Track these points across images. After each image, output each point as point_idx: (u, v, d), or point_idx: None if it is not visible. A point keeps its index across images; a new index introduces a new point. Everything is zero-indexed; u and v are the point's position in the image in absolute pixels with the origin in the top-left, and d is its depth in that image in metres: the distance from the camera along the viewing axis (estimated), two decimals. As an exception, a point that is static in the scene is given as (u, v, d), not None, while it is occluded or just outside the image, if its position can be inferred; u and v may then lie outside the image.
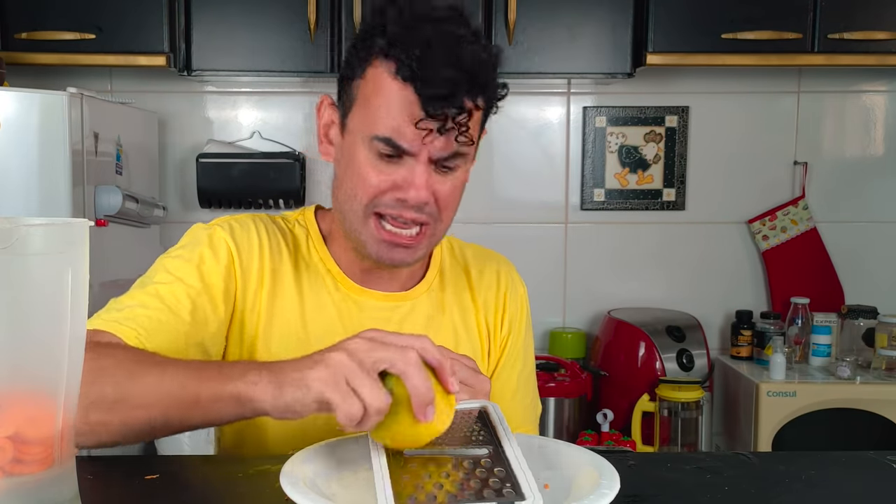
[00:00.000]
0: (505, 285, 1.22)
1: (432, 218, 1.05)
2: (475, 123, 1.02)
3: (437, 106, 0.97)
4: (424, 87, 0.96)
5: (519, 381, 1.22)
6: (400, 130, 0.99)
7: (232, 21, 2.32)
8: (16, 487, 0.64)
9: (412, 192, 1.01)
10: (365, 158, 1.03)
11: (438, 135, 0.99)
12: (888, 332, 2.39)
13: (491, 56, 1.02)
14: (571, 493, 0.75)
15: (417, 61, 0.96)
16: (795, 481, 0.86)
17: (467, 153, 1.04)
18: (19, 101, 1.87)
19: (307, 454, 0.82)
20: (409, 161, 1.01)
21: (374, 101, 1.01)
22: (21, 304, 0.64)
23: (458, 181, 1.06)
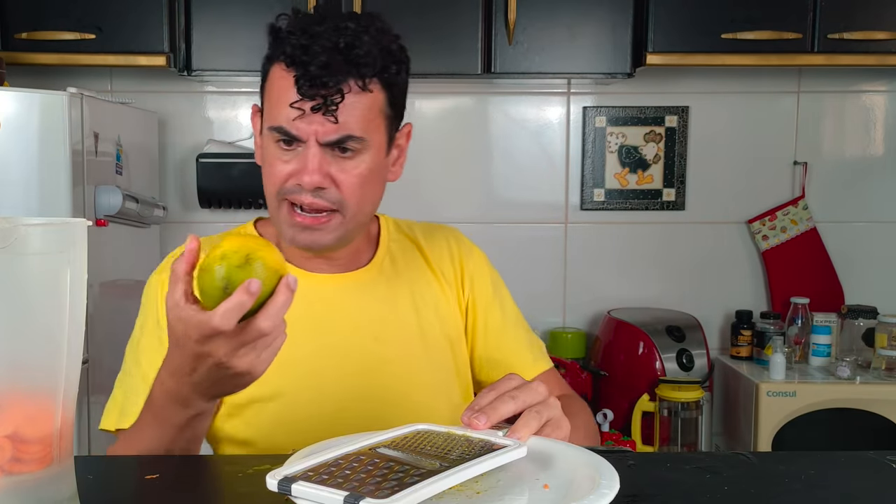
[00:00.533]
0: (458, 251, 1.26)
1: (337, 204, 1.08)
2: (367, 106, 1.05)
3: (307, 85, 1.02)
4: (300, 68, 1.02)
5: (504, 320, 1.25)
6: (284, 116, 1.05)
7: (232, 21, 2.32)
8: (14, 486, 0.64)
9: (305, 176, 1.05)
10: (270, 152, 1.09)
11: (313, 113, 1.03)
12: (888, 332, 2.39)
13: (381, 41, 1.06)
14: (571, 494, 0.75)
15: (298, 48, 1.03)
16: (795, 481, 0.86)
17: (361, 136, 1.06)
18: (19, 101, 1.87)
19: (304, 452, 0.81)
20: (301, 148, 1.06)
21: (270, 95, 1.09)
22: (20, 304, 0.64)
23: (363, 169, 1.08)
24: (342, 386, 1.13)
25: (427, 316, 1.20)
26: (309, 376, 1.13)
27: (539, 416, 0.86)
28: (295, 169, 1.07)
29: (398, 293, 1.20)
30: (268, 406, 1.12)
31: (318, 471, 0.71)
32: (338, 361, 1.14)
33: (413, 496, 0.66)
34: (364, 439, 0.80)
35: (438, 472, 0.71)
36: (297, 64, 1.03)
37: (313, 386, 1.13)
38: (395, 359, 1.16)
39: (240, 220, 2.62)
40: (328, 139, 1.05)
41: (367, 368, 1.15)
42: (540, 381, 0.90)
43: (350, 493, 0.66)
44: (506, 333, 1.25)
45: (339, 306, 1.16)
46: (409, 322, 1.18)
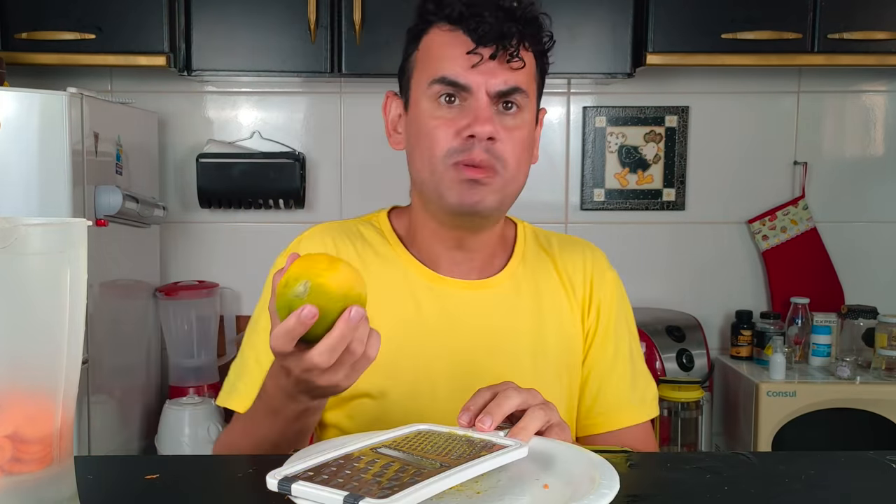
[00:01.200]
0: (591, 271, 1.21)
1: (501, 161, 1.05)
2: (527, 64, 1.06)
3: (485, 34, 1.02)
4: (472, 21, 1.02)
5: (615, 361, 1.19)
6: (453, 66, 1.04)
7: (232, 21, 2.32)
8: (14, 486, 0.64)
9: (478, 125, 1.03)
10: (429, 113, 1.06)
11: (491, 60, 1.02)
12: (888, 332, 2.39)
13: (536, 10, 1.07)
14: (571, 494, 0.75)
15: (465, 5, 1.03)
16: (795, 481, 0.86)
17: (526, 90, 1.06)
18: (19, 101, 1.87)
19: (304, 452, 0.82)
20: (469, 101, 1.04)
21: (428, 56, 1.07)
22: (20, 304, 0.64)
23: (524, 132, 1.08)
24: (445, 396, 1.10)
25: (549, 335, 1.16)
26: (415, 380, 1.11)
27: (542, 416, 0.86)
28: (464, 123, 1.04)
29: (524, 306, 1.16)
30: (370, 403, 1.11)
31: (319, 471, 0.71)
32: (446, 370, 1.11)
33: (413, 496, 0.66)
34: (365, 439, 0.80)
35: (439, 473, 0.71)
36: (467, 18, 1.03)
37: (418, 391, 1.10)
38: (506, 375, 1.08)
39: (240, 220, 2.62)
40: (499, 88, 1.04)
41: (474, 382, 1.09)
42: (535, 391, 0.90)
43: (350, 493, 0.66)
44: (612, 372, 1.19)
45: (460, 315, 1.13)
46: (528, 338, 1.15)
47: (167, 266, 2.66)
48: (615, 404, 1.18)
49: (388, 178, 2.65)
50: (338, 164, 2.67)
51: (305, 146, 2.65)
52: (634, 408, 1.19)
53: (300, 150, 2.63)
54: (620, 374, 1.19)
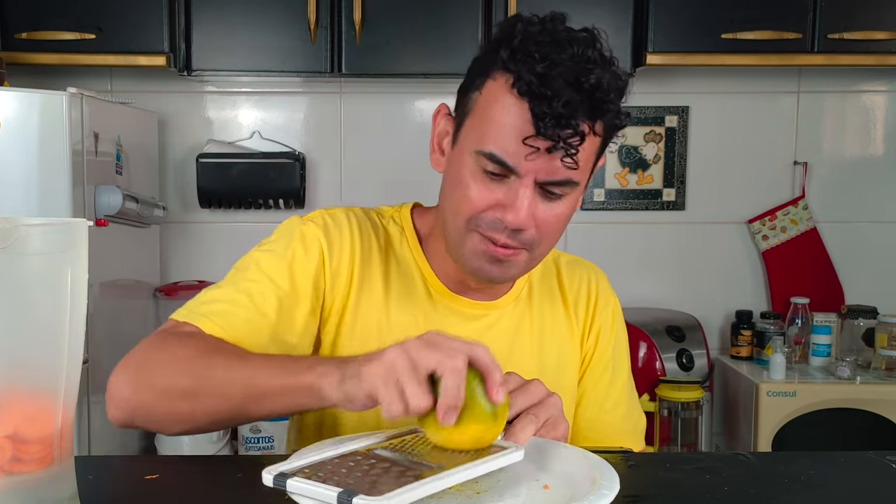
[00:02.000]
0: (595, 295, 1.21)
1: (528, 245, 1.01)
2: (588, 150, 0.98)
3: (549, 125, 0.93)
4: (540, 103, 0.92)
5: (609, 391, 1.19)
6: (507, 146, 0.95)
7: (232, 21, 2.32)
8: (15, 486, 0.64)
9: (511, 214, 0.97)
10: (470, 173, 0.99)
11: (547, 153, 0.94)
12: (888, 332, 2.39)
13: (617, 82, 0.98)
14: (571, 494, 0.75)
15: (537, 77, 0.93)
16: (795, 481, 0.86)
17: (578, 181, 0.99)
18: (19, 101, 1.87)
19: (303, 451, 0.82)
20: (513, 181, 0.97)
21: (487, 114, 0.98)
22: (20, 304, 0.64)
23: (565, 209, 1.02)
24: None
25: (548, 359, 1.15)
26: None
27: (536, 418, 0.85)
28: (500, 202, 0.98)
29: (525, 330, 1.15)
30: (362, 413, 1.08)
31: (315, 468, 0.71)
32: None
33: (406, 495, 0.66)
34: (362, 440, 0.80)
35: (434, 474, 0.71)
36: (535, 96, 0.93)
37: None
38: None
39: (240, 220, 2.62)
40: (549, 180, 0.97)
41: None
42: (539, 381, 0.89)
43: (344, 489, 0.66)
44: (607, 400, 1.19)
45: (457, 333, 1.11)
46: (527, 362, 1.13)
47: (167, 266, 2.66)
48: (609, 432, 1.18)
49: (389, 177, 2.66)
50: (338, 164, 2.67)
51: (305, 146, 2.65)
52: (628, 437, 1.19)
53: (300, 150, 2.63)
54: (616, 401, 1.20)
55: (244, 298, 1.01)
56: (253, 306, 1.01)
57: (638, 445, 1.20)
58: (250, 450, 2.40)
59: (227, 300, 1.01)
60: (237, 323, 0.99)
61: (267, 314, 1.01)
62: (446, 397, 0.76)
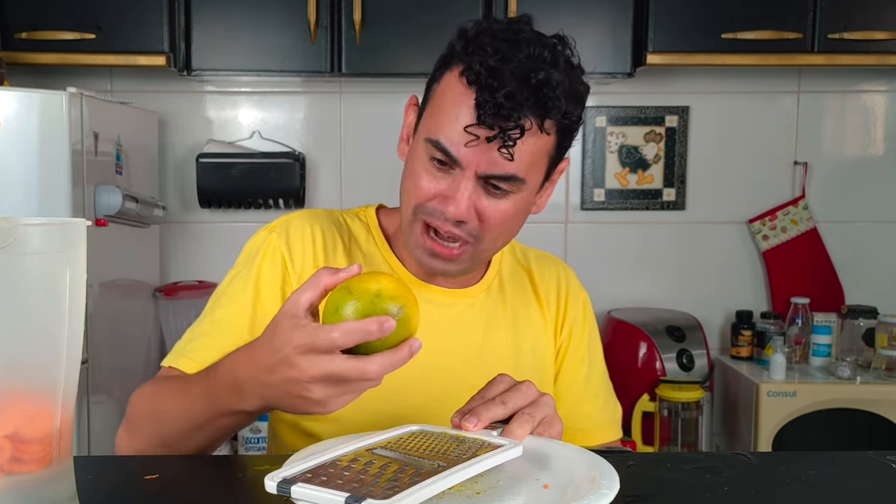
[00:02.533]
0: (566, 290, 1.22)
1: (472, 237, 1.02)
2: (534, 147, 0.99)
3: (489, 113, 0.94)
4: (484, 92, 0.94)
5: (587, 383, 1.21)
6: (451, 134, 0.98)
7: (232, 21, 2.32)
8: (14, 486, 0.64)
9: (451, 206, 0.99)
10: (421, 163, 1.02)
11: (487, 143, 0.96)
12: (888, 332, 2.39)
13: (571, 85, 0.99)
14: (571, 494, 0.75)
15: (487, 68, 0.95)
16: (795, 481, 0.86)
17: (522, 178, 1.00)
18: (19, 101, 1.87)
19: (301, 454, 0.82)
20: (457, 173, 0.99)
21: (440, 103, 1.01)
22: (19, 304, 0.64)
23: (510, 207, 1.02)
24: (423, 403, 1.09)
25: (524, 347, 1.17)
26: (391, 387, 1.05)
27: (532, 417, 0.85)
28: (442, 192, 1.01)
29: (499, 319, 1.16)
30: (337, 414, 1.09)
31: (317, 472, 0.71)
32: (424, 378, 1.09)
33: (414, 496, 0.66)
34: (360, 440, 0.80)
35: (437, 473, 0.71)
36: (481, 86, 0.95)
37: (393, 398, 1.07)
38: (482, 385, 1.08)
39: (240, 220, 2.62)
40: (490, 173, 0.98)
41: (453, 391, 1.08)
42: (531, 382, 0.89)
43: (351, 493, 0.65)
44: (585, 392, 1.21)
45: (439, 323, 1.12)
46: (504, 350, 1.15)
47: (167, 266, 2.66)
48: (588, 423, 1.20)
49: (389, 177, 2.65)
50: (338, 164, 2.67)
51: (305, 146, 2.65)
52: (607, 427, 1.22)
53: (300, 149, 2.63)
54: (594, 394, 1.22)
55: (218, 329, 1.06)
56: (226, 334, 1.04)
57: (616, 434, 1.23)
58: (250, 450, 2.40)
59: (203, 334, 1.06)
60: (213, 354, 1.01)
61: (241, 337, 1.03)
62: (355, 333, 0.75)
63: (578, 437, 1.15)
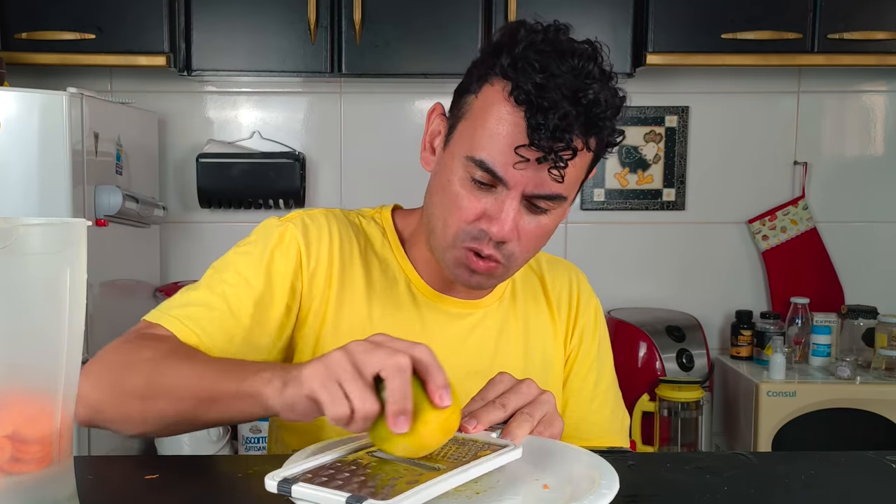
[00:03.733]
0: (577, 296, 1.21)
1: (508, 257, 1.01)
2: (579, 165, 0.97)
3: (544, 136, 0.92)
4: (536, 114, 0.92)
5: (595, 391, 1.20)
6: (498, 155, 0.95)
7: (232, 21, 2.32)
8: (14, 486, 0.64)
9: (496, 226, 0.97)
10: (459, 181, 0.99)
11: (536, 164, 0.94)
12: (888, 332, 2.39)
13: (614, 100, 0.97)
14: (571, 494, 0.75)
15: (536, 87, 0.92)
16: (795, 481, 0.86)
17: (565, 196, 0.98)
18: (19, 101, 1.87)
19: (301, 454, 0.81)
20: (501, 192, 0.97)
21: (481, 120, 0.97)
22: (19, 304, 0.64)
23: (549, 223, 1.01)
24: None
25: (534, 356, 1.15)
26: None
27: (531, 417, 0.85)
28: (486, 212, 0.98)
29: (511, 328, 1.15)
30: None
31: (317, 472, 0.71)
32: None
33: (415, 498, 0.66)
34: (360, 441, 0.80)
35: (437, 475, 0.71)
36: (532, 106, 0.92)
37: None
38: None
39: (240, 220, 2.62)
40: (536, 193, 0.96)
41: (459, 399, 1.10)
42: (531, 380, 0.89)
43: (352, 494, 0.65)
44: (594, 400, 1.19)
45: (450, 334, 1.11)
46: (514, 360, 1.14)
47: (167, 266, 2.66)
48: (596, 432, 1.18)
49: (389, 177, 2.66)
50: (338, 164, 2.67)
51: (305, 146, 2.65)
52: (615, 435, 1.20)
53: (300, 150, 2.63)
54: (602, 401, 1.21)
55: (219, 301, 1.01)
56: (227, 309, 1.01)
57: (624, 442, 1.21)
58: (250, 450, 2.40)
59: (201, 303, 1.01)
60: (211, 327, 0.99)
61: (241, 318, 1.01)
62: (393, 400, 0.71)
63: (585, 447, 1.15)
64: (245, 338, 1.01)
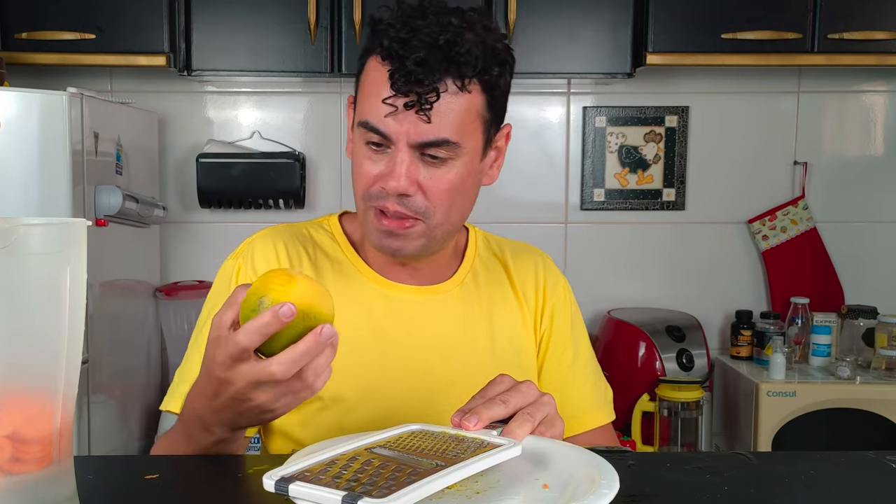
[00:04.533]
0: (543, 278, 1.21)
1: (422, 213, 1.03)
2: (461, 108, 1.00)
3: (401, 80, 0.97)
4: (395, 62, 0.97)
5: (574, 367, 1.20)
6: (374, 111, 1.00)
7: (232, 21, 2.32)
8: (14, 486, 0.64)
9: (391, 181, 1.00)
10: (359, 151, 1.04)
11: (406, 111, 0.98)
12: (888, 332, 2.39)
13: (486, 39, 1.00)
14: (571, 494, 0.75)
15: (398, 41, 0.97)
16: (795, 481, 0.86)
17: (456, 141, 1.01)
18: (19, 101, 1.87)
19: (301, 453, 0.82)
20: (392, 151, 1.01)
21: (363, 88, 1.03)
22: (19, 304, 0.64)
23: (453, 176, 1.03)
24: (403, 402, 1.09)
25: (501, 341, 1.16)
26: (370, 388, 1.09)
27: (532, 417, 0.85)
28: (382, 172, 1.02)
29: (475, 313, 1.16)
30: (324, 411, 1.08)
31: (315, 471, 0.71)
32: (402, 377, 1.10)
33: (410, 495, 0.66)
34: (360, 439, 0.80)
35: (435, 472, 0.71)
36: (392, 57, 0.97)
37: (373, 398, 1.08)
38: (460, 381, 1.09)
39: (240, 220, 2.62)
40: (420, 140, 0.99)
41: (431, 388, 1.10)
42: (531, 382, 0.89)
43: (348, 492, 0.66)
44: (574, 376, 1.20)
45: (412, 320, 1.12)
46: (481, 344, 1.14)
47: (167, 266, 2.66)
48: (580, 408, 1.18)
49: (388, 178, 2.66)
50: (338, 164, 2.67)
51: (305, 146, 2.65)
52: (598, 410, 1.20)
53: (300, 150, 2.63)
54: (583, 378, 1.21)
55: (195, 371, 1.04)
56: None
57: (609, 416, 1.21)
58: (250, 450, 2.39)
59: (187, 377, 1.07)
60: None
61: None
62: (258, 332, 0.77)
63: (571, 425, 1.14)
64: None
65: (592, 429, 1.18)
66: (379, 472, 0.72)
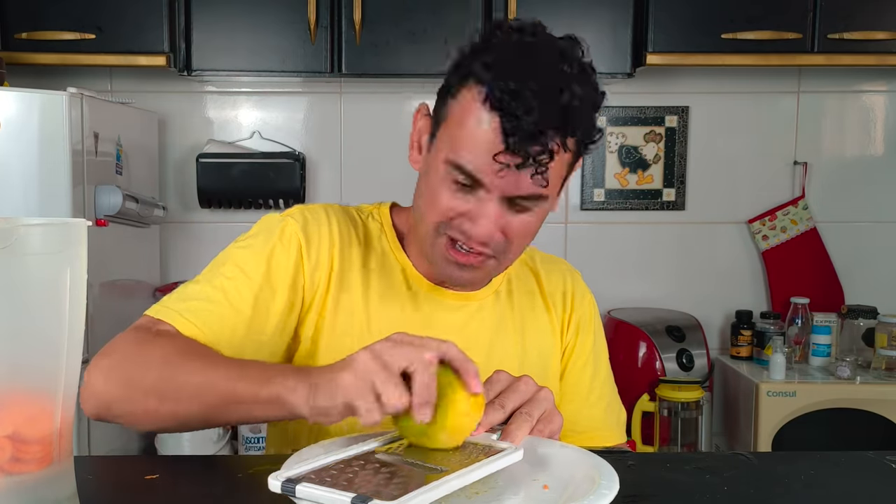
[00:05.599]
0: (572, 291, 1.21)
1: (498, 252, 1.02)
2: (559, 165, 0.97)
3: (519, 141, 0.92)
4: (510, 119, 0.91)
5: (592, 385, 1.20)
6: (477, 161, 0.95)
7: (232, 21, 2.32)
8: (14, 486, 0.64)
9: (478, 228, 0.98)
10: (441, 181, 1.00)
11: (516, 170, 0.94)
12: (888, 332, 2.39)
13: (591, 97, 0.97)
14: (571, 494, 0.75)
15: (510, 93, 0.91)
16: (795, 481, 0.86)
17: (547, 195, 0.99)
18: (19, 101, 1.87)
19: (302, 455, 0.82)
20: (482, 194, 0.97)
21: (459, 123, 0.97)
22: (20, 304, 0.64)
23: (533, 220, 1.02)
24: None
25: (531, 351, 1.16)
26: None
27: (530, 416, 0.85)
28: (468, 212, 0.99)
29: (507, 322, 1.16)
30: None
31: (321, 473, 0.71)
32: None
33: (419, 499, 0.66)
34: (362, 442, 0.80)
35: (440, 476, 0.71)
36: (504, 112, 0.92)
37: None
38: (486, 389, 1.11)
39: (240, 220, 2.62)
40: (517, 195, 0.97)
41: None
42: (528, 377, 0.89)
43: (357, 494, 0.65)
44: (590, 393, 1.20)
45: (445, 325, 1.12)
46: (510, 353, 1.14)
47: (167, 266, 2.66)
48: (594, 425, 1.19)
49: (388, 177, 2.65)
50: (338, 164, 2.67)
51: (305, 146, 2.65)
52: (609, 430, 1.21)
53: (300, 150, 2.63)
54: (599, 395, 1.21)
55: (220, 295, 1.02)
56: (228, 303, 1.01)
57: (620, 438, 1.22)
58: (250, 450, 2.40)
59: (202, 297, 1.02)
60: (212, 320, 0.99)
61: (242, 311, 1.01)
62: (419, 392, 0.75)
63: (581, 440, 1.14)
64: (246, 332, 1.02)
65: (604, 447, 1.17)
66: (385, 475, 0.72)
